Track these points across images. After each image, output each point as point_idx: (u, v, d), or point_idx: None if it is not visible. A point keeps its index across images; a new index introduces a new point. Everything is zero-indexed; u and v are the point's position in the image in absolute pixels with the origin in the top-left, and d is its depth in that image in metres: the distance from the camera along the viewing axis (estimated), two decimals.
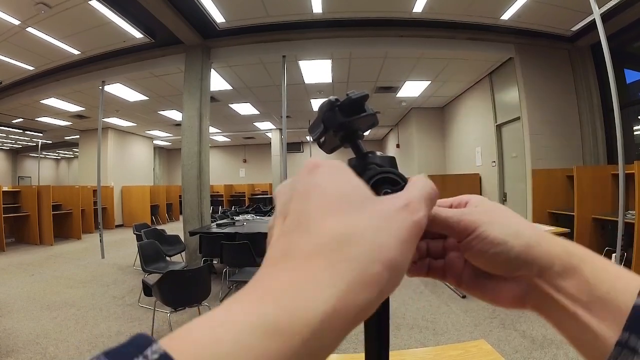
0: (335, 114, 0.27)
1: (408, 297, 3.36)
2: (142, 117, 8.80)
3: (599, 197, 3.87)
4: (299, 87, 6.76)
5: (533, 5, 4.07)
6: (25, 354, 2.35)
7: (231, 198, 13.68)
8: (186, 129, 4.97)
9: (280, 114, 5.12)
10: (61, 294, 3.73)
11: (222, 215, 6.54)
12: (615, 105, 2.91)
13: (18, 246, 6.71)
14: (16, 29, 4.30)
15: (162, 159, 15.48)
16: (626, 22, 4.23)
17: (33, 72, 5.80)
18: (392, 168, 0.26)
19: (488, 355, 0.80)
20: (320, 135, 0.29)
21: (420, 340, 2.50)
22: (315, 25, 4.69)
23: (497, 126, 5.89)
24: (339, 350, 2.56)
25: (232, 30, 4.80)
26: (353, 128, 0.28)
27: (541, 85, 4.95)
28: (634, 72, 4.60)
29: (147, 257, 3.38)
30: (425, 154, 8.46)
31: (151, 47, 5.12)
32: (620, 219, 2.94)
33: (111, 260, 5.41)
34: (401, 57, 5.39)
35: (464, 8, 4.25)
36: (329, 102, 0.27)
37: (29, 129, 10.04)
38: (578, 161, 4.84)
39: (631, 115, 4.60)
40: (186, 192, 4.89)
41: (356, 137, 0.29)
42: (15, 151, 16.20)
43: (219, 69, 5.71)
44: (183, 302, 2.45)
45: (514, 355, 2.17)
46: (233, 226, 4.61)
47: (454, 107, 7.84)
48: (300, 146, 14.19)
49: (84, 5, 3.89)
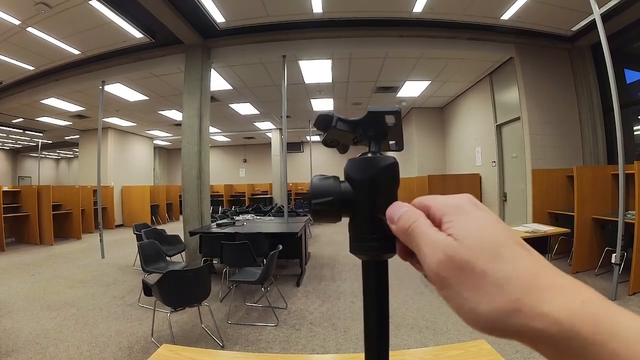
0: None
1: (408, 297, 3.36)
2: (142, 117, 8.80)
3: (599, 197, 3.87)
4: (299, 87, 6.76)
5: (533, 5, 4.07)
6: (25, 354, 2.35)
7: (231, 198, 13.68)
8: (186, 129, 4.97)
9: (280, 114, 5.12)
10: (61, 294, 3.72)
11: (222, 215, 6.54)
12: (615, 105, 2.91)
13: (18, 246, 6.70)
14: (16, 29, 4.30)
15: (162, 159, 15.48)
16: (626, 22, 4.23)
17: (33, 72, 5.81)
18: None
19: (488, 355, 0.80)
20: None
21: (420, 340, 2.50)
22: (315, 25, 4.69)
23: (497, 126, 5.89)
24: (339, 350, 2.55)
25: (232, 30, 4.80)
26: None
27: (541, 85, 4.95)
28: (634, 72, 4.59)
29: (147, 257, 3.37)
30: (426, 154, 8.46)
31: (151, 47, 5.12)
32: (620, 219, 2.94)
33: (111, 260, 5.41)
34: (401, 57, 5.39)
35: (464, 8, 4.25)
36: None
37: (29, 129, 10.04)
38: (578, 161, 4.84)
39: (631, 115, 4.59)
40: (186, 192, 4.89)
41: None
42: (15, 151, 16.19)
43: (219, 69, 5.71)
44: (183, 302, 2.45)
45: (514, 355, 2.17)
46: (233, 226, 4.61)
47: (454, 107, 7.84)
48: (300, 146, 14.19)
49: (84, 5, 3.89)
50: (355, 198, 0.28)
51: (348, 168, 0.29)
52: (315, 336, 2.60)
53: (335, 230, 8.10)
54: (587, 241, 3.83)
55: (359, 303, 3.20)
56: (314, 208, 0.28)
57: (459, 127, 7.60)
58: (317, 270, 4.52)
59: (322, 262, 4.98)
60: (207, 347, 2.45)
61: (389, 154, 0.29)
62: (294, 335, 2.63)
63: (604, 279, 3.58)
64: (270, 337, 2.59)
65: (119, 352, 2.35)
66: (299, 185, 13.88)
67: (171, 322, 2.68)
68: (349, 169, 0.29)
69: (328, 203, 0.28)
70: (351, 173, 0.28)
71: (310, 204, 0.28)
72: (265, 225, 4.83)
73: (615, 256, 3.00)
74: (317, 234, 7.78)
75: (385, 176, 0.28)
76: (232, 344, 2.51)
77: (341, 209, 0.28)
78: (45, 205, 6.92)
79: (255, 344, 2.51)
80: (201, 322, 2.84)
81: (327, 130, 0.30)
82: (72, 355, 2.32)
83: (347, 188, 0.28)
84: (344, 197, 0.28)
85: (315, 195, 0.28)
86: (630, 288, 3.09)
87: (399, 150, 0.34)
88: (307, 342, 2.52)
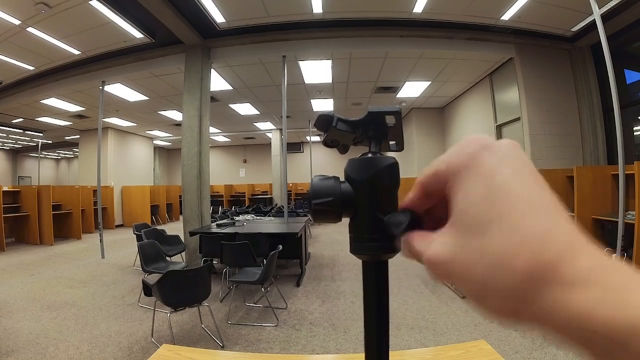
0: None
1: (408, 297, 3.36)
2: (142, 117, 8.80)
3: (599, 198, 3.87)
4: (299, 87, 6.76)
5: (533, 5, 4.08)
6: (25, 354, 2.35)
7: (231, 198, 13.68)
8: (186, 129, 4.97)
9: (280, 114, 5.13)
10: (61, 294, 3.72)
11: (222, 215, 6.54)
12: (615, 105, 2.91)
13: (18, 246, 6.70)
14: (16, 29, 4.30)
15: (162, 159, 15.48)
16: (626, 22, 4.23)
17: (33, 72, 5.81)
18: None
19: (488, 356, 0.80)
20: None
21: (420, 340, 2.50)
22: (315, 25, 4.69)
23: (497, 126, 5.89)
24: (339, 350, 2.55)
25: (232, 30, 4.80)
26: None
27: (541, 86, 4.95)
28: (634, 72, 4.60)
29: (147, 257, 3.37)
30: (426, 154, 8.45)
31: (151, 47, 5.12)
32: (620, 219, 2.94)
33: (111, 260, 5.41)
34: (401, 57, 5.40)
35: (464, 8, 4.25)
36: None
37: (29, 129, 10.04)
38: (578, 161, 4.84)
39: (631, 115, 4.60)
40: (186, 192, 4.89)
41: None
42: (15, 151, 16.19)
43: (219, 69, 5.71)
44: (183, 302, 2.45)
45: (514, 355, 2.17)
46: (233, 226, 4.61)
47: (454, 108, 7.84)
48: (300, 146, 14.19)
49: (84, 5, 3.89)
50: (356, 198, 0.28)
51: (348, 168, 0.29)
52: (315, 336, 2.60)
53: (335, 230, 8.10)
54: None
55: (359, 303, 3.20)
56: (315, 208, 0.28)
57: (459, 128, 7.60)
58: (317, 270, 4.52)
59: (322, 262, 4.98)
60: (207, 347, 2.45)
61: (389, 155, 0.29)
62: (294, 335, 2.63)
63: None
64: (270, 337, 2.59)
65: (119, 352, 2.35)
66: (299, 186, 13.88)
67: (171, 322, 2.68)
68: (349, 169, 0.29)
69: (328, 203, 0.28)
70: (351, 173, 0.28)
71: (310, 204, 0.28)
72: (265, 225, 4.83)
73: (615, 256, 3.00)
74: (317, 234, 7.78)
75: (386, 176, 0.28)
76: (232, 344, 2.51)
77: (341, 209, 0.28)
78: (45, 205, 6.92)
79: (255, 344, 2.51)
80: (201, 322, 2.84)
81: (327, 130, 0.30)
82: (72, 355, 2.32)
83: (348, 188, 0.28)
84: (344, 197, 0.28)
85: (315, 195, 0.28)
86: None
87: (399, 151, 0.34)
88: (307, 342, 2.52)
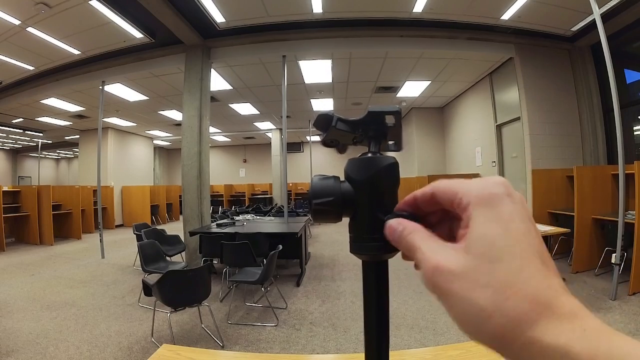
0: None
1: (408, 297, 3.36)
2: (142, 117, 8.80)
3: (599, 197, 3.87)
4: (299, 87, 6.76)
5: (533, 5, 4.08)
6: (25, 354, 2.35)
7: (231, 198, 13.69)
8: (186, 129, 4.97)
9: (280, 114, 5.12)
10: (61, 294, 3.72)
11: (222, 215, 6.54)
12: (615, 105, 2.91)
13: (18, 246, 6.70)
14: (16, 29, 4.30)
15: (162, 159, 15.48)
16: (626, 22, 4.24)
17: (33, 72, 5.81)
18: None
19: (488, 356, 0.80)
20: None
21: (420, 340, 2.49)
22: (315, 25, 4.69)
23: (497, 126, 5.90)
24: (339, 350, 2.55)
25: (232, 30, 4.80)
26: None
27: (541, 85, 4.95)
28: (634, 72, 4.60)
29: (147, 257, 3.37)
30: (425, 154, 8.46)
31: (151, 47, 5.12)
32: (620, 219, 2.94)
33: (111, 260, 5.41)
34: (401, 57, 5.40)
35: (464, 8, 4.25)
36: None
37: (29, 129, 10.04)
38: (578, 161, 4.84)
39: (631, 115, 4.60)
40: (186, 192, 4.89)
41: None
42: (15, 151, 16.19)
43: (219, 69, 5.71)
44: (183, 302, 2.45)
45: None
46: (233, 226, 4.61)
47: (454, 107, 7.85)
48: (300, 146, 14.19)
49: (84, 5, 3.89)
50: (356, 198, 0.28)
51: (348, 168, 0.29)
52: (315, 336, 2.60)
53: (335, 230, 8.09)
54: (587, 241, 3.83)
55: (359, 303, 3.20)
56: (315, 208, 0.28)
57: (459, 127, 7.61)
58: (317, 270, 4.52)
59: (322, 262, 4.98)
60: (207, 347, 2.45)
61: (388, 154, 0.29)
62: (294, 335, 2.63)
63: (604, 279, 3.57)
64: (270, 337, 2.59)
65: (119, 352, 2.35)
66: (299, 185, 13.88)
67: (171, 322, 2.68)
68: (349, 169, 0.29)
69: (329, 203, 0.28)
70: (351, 173, 0.28)
71: (310, 204, 0.28)
72: (265, 225, 4.83)
73: (615, 256, 3.00)
74: (317, 234, 7.78)
75: (386, 176, 0.28)
76: (232, 344, 2.51)
77: (342, 209, 0.28)
78: (45, 205, 6.92)
79: (255, 344, 2.51)
80: (201, 322, 2.84)
81: (327, 130, 0.30)
82: (72, 355, 2.32)
83: (348, 188, 0.28)
84: (344, 197, 0.28)
85: (315, 195, 0.28)
86: (630, 288, 3.09)
87: (398, 151, 0.33)
88: (307, 342, 2.52)
